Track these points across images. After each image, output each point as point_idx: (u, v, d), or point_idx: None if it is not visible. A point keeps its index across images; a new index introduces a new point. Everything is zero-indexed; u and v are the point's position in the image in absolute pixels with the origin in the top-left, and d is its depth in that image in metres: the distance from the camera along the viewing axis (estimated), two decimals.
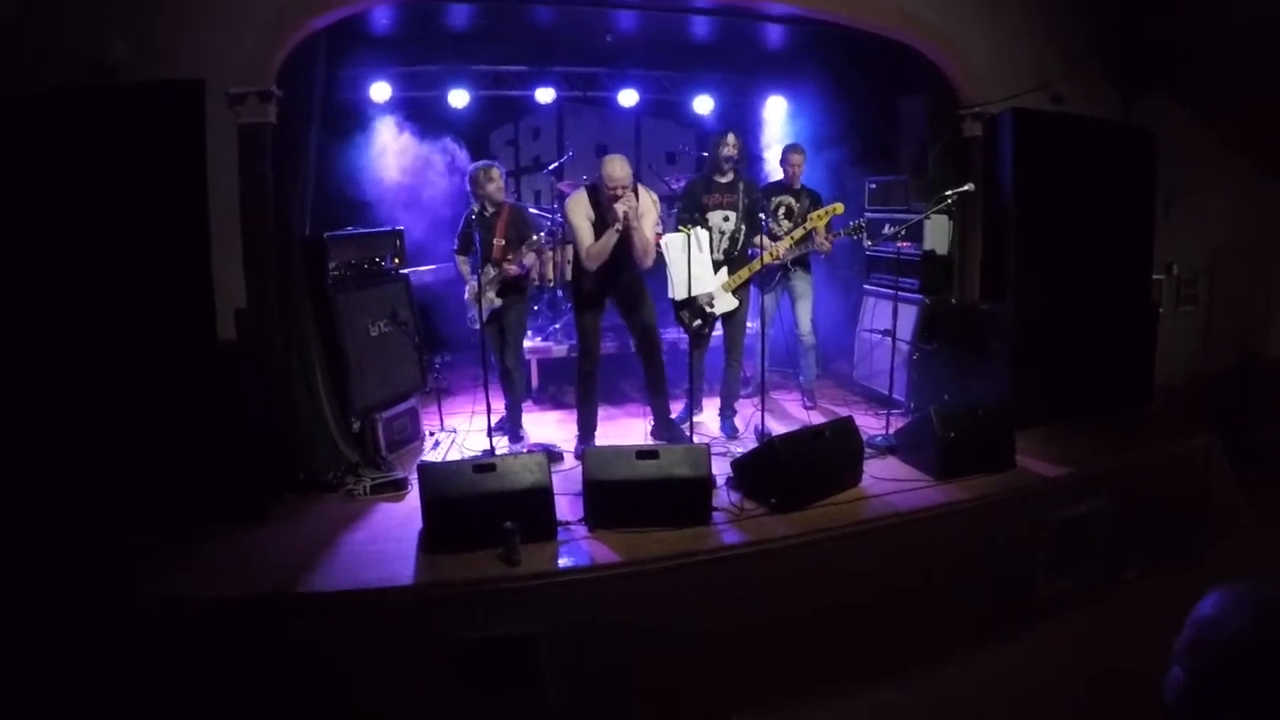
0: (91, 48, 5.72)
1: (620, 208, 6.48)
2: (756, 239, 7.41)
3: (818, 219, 7.66)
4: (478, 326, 7.35)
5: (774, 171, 8.90)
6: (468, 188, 7.47)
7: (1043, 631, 6.16)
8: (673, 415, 7.51)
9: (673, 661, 5.25)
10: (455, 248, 7.74)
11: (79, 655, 4.64)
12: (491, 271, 7.26)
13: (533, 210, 8.31)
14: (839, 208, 7.70)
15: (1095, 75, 8.29)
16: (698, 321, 7.30)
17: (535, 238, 7.29)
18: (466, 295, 7.63)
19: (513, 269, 7.27)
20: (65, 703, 4.60)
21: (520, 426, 7.78)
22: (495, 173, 7.39)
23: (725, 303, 7.41)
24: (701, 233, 7.21)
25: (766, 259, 7.38)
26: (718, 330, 7.80)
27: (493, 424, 7.05)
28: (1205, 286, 9.67)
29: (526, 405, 8.27)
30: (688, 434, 7.04)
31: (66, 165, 5.60)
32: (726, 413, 7.89)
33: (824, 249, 8.00)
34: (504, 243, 7.33)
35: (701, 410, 7.75)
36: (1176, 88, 8.51)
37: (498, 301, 7.37)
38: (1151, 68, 8.35)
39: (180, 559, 5.21)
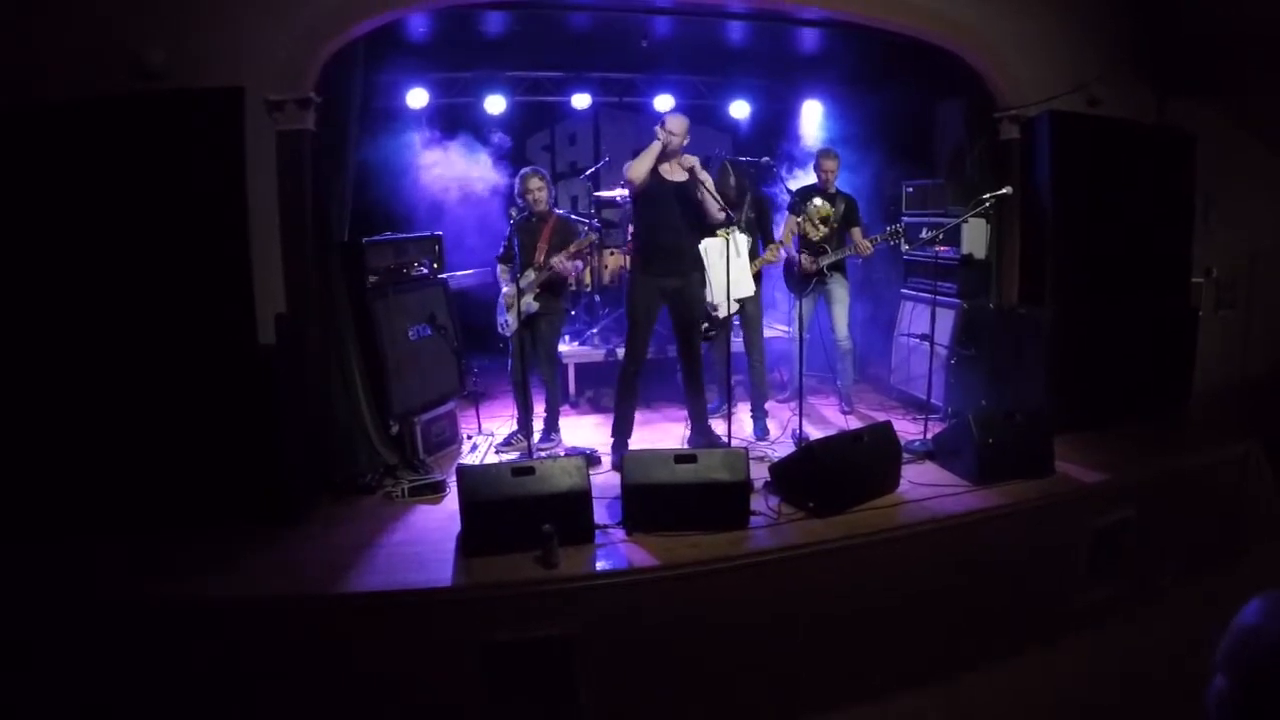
0: (132, 55, 5.81)
1: (662, 135, 6.72)
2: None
3: (763, 260, 8.11)
4: (509, 332, 7.39)
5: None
6: (516, 192, 7.56)
7: (1078, 640, 6.09)
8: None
9: (708, 666, 5.24)
10: (499, 254, 7.75)
11: (116, 654, 4.71)
12: (531, 275, 7.29)
13: (573, 217, 8.33)
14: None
15: (1132, 78, 8.22)
16: (704, 324, 7.41)
17: (584, 237, 7.37)
18: (501, 300, 7.65)
19: (568, 265, 7.32)
20: (102, 702, 4.67)
21: (556, 430, 7.79)
22: (539, 178, 7.48)
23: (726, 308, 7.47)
24: (740, 236, 7.23)
25: (765, 259, 8.02)
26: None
27: (524, 427, 7.17)
28: (1245, 290, 9.56)
29: (564, 409, 8.27)
30: (724, 438, 7.01)
31: (109, 171, 5.69)
32: (757, 414, 7.97)
33: (865, 252, 8.05)
34: (547, 248, 7.38)
35: (734, 407, 7.74)
36: (1215, 90, 8.42)
37: (535, 305, 7.39)
38: (1189, 70, 8.27)
39: (217, 560, 5.26)
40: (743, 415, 8.04)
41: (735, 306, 7.46)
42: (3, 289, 5.63)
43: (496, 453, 7.50)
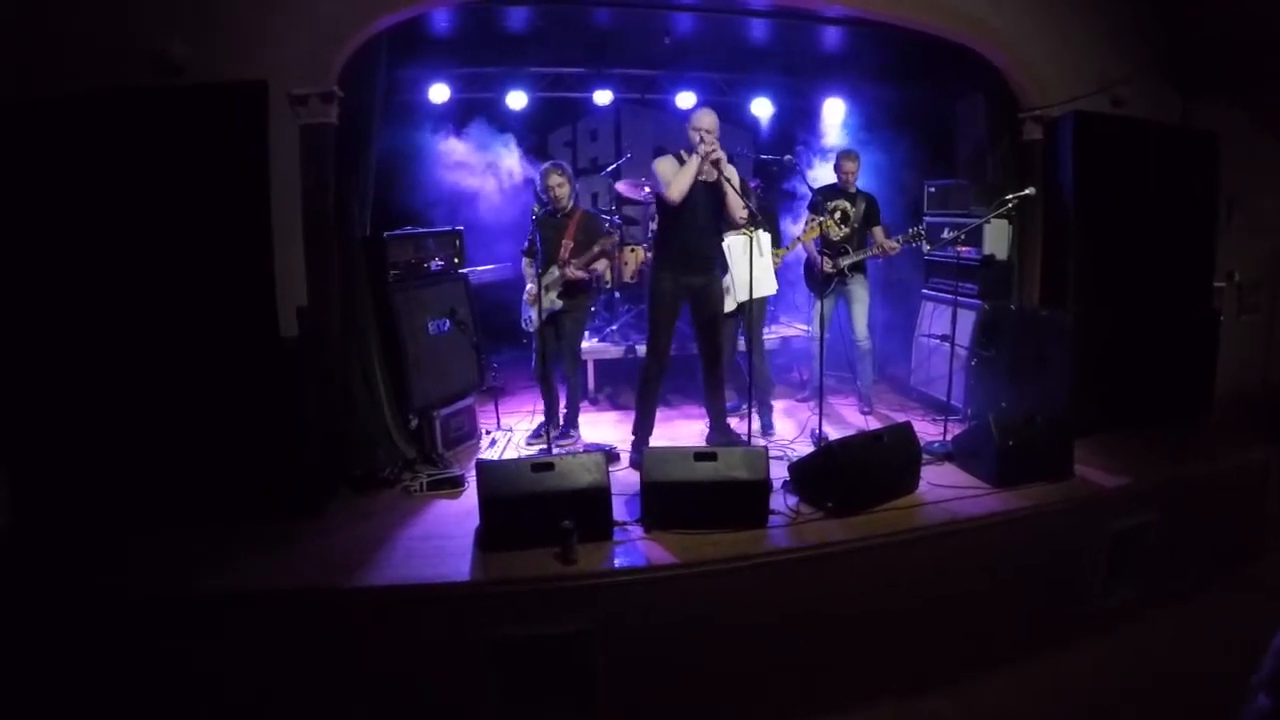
0: (155, 49, 5.83)
1: (703, 149, 6.52)
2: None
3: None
4: (532, 329, 7.39)
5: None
6: (539, 188, 7.58)
7: (1095, 644, 6.08)
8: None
9: (725, 664, 5.24)
10: (524, 249, 7.72)
11: (133, 642, 4.74)
12: (555, 272, 7.30)
13: (593, 212, 8.34)
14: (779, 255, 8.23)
15: (1156, 78, 8.17)
16: None
17: (607, 235, 7.40)
18: (526, 297, 7.65)
19: (581, 275, 7.33)
20: (112, 688, 4.71)
21: (575, 426, 7.77)
22: (559, 174, 7.46)
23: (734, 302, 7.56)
24: (763, 235, 7.22)
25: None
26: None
27: (552, 421, 7.27)
28: (1269, 295, 9.49)
29: (583, 406, 8.26)
30: (744, 437, 7.00)
31: (133, 164, 5.72)
32: (763, 409, 8.03)
33: (892, 251, 8.09)
34: (572, 244, 7.36)
35: (754, 407, 7.74)
36: (1238, 92, 8.37)
37: (559, 304, 7.39)
38: (1212, 72, 8.22)
39: (237, 552, 5.28)
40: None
41: (733, 307, 7.52)
42: (28, 286, 5.67)
43: (527, 444, 7.55)
